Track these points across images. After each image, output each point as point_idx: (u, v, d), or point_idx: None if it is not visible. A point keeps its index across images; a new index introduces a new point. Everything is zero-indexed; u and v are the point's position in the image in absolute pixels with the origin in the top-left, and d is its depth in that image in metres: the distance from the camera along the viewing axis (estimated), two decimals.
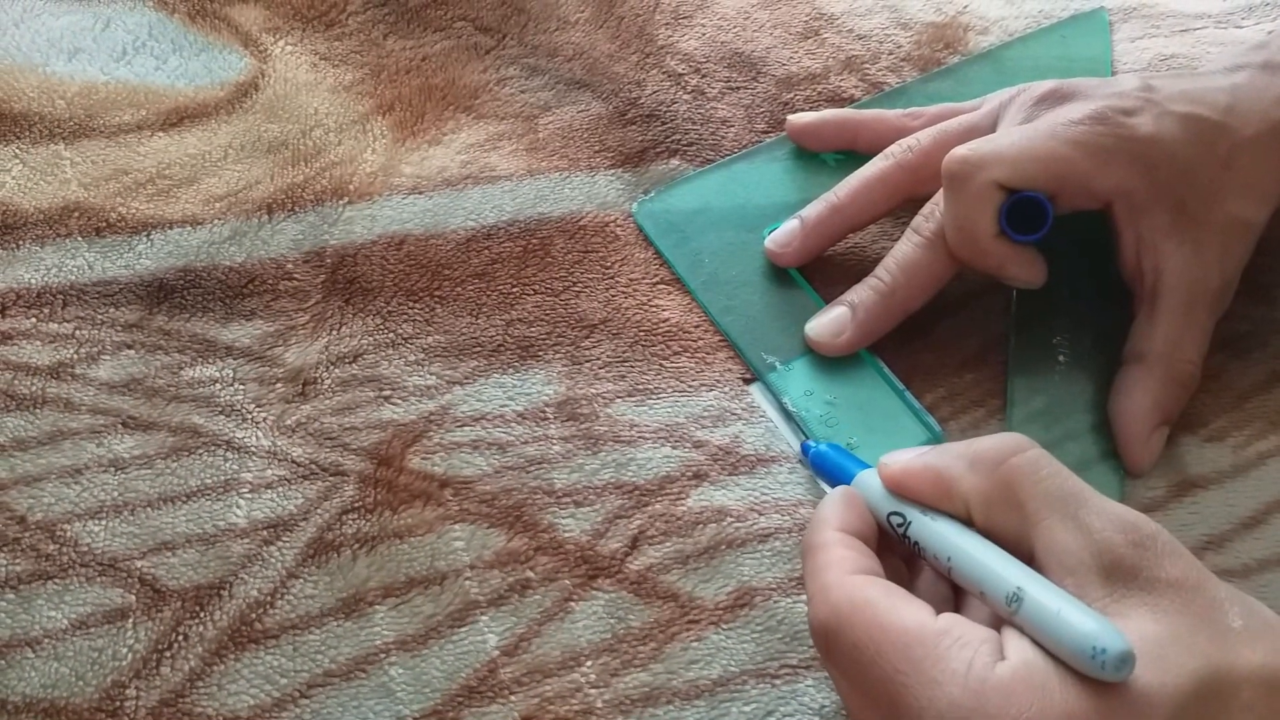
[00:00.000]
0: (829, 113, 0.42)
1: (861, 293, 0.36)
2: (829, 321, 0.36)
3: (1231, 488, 0.34)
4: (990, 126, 0.37)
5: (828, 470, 0.31)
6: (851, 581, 0.25)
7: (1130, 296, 0.36)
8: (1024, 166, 0.33)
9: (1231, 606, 0.23)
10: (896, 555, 0.28)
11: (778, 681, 0.30)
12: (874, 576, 0.25)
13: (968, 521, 0.26)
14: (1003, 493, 0.25)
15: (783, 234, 0.38)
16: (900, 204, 0.38)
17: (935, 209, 0.35)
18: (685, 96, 0.44)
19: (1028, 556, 0.24)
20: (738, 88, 0.45)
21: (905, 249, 0.36)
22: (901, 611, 0.24)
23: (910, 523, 0.26)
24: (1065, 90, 0.36)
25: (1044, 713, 0.21)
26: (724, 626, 0.31)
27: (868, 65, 0.45)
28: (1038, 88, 0.36)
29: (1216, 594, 0.23)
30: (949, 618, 0.23)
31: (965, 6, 0.48)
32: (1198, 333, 0.34)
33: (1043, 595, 0.22)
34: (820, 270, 0.39)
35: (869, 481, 0.28)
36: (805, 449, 0.33)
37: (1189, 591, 0.23)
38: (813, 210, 0.38)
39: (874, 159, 0.38)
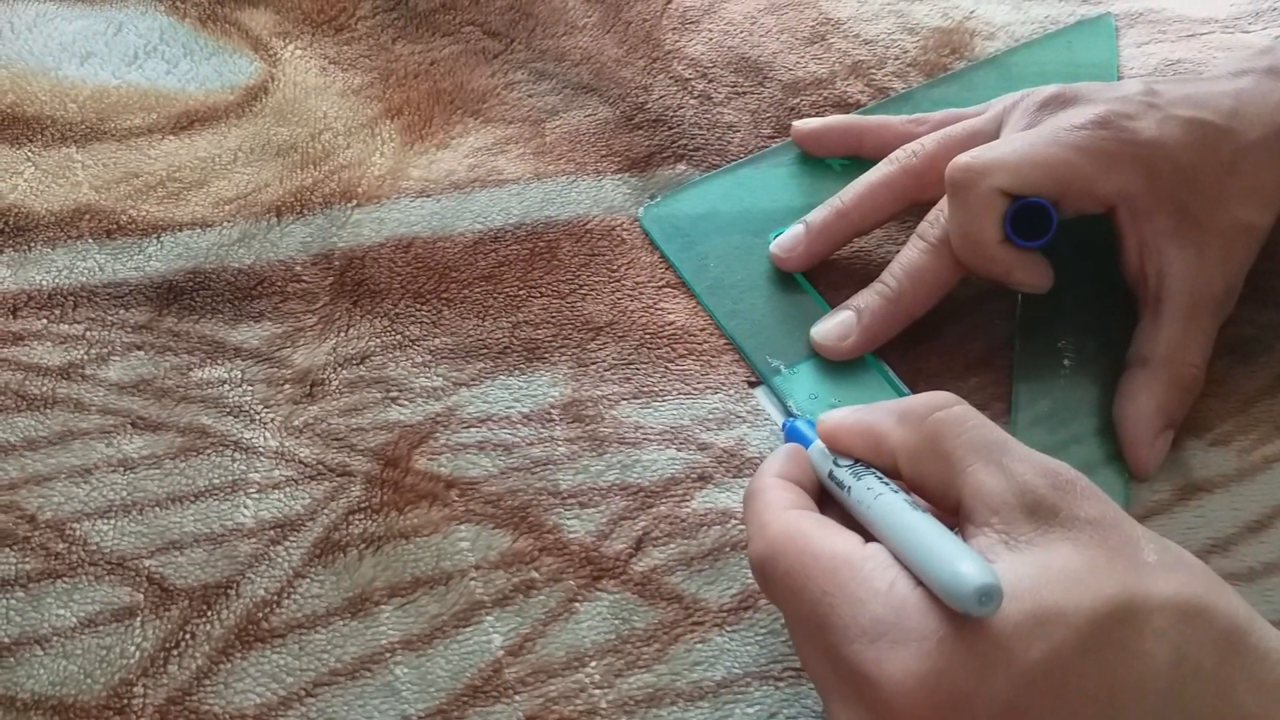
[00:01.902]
0: (834, 119, 0.42)
1: (867, 298, 0.36)
2: (835, 326, 0.36)
3: (1237, 492, 0.34)
4: (994, 131, 0.37)
5: (798, 441, 0.32)
6: (786, 515, 0.26)
7: (1134, 300, 0.36)
8: (1026, 172, 0.33)
9: (1147, 544, 0.24)
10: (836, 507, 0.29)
11: (781, 683, 0.30)
12: (807, 511, 0.27)
13: (895, 472, 0.27)
14: (930, 444, 0.26)
15: (788, 239, 0.38)
16: (905, 209, 0.38)
17: (940, 215, 0.35)
18: (692, 101, 0.44)
19: (954, 503, 0.25)
20: (744, 93, 0.45)
21: (911, 255, 0.36)
22: (831, 539, 0.25)
23: (838, 477, 0.28)
24: (1068, 95, 0.36)
25: (959, 628, 0.22)
26: (728, 628, 0.31)
27: (874, 70, 0.46)
28: (1041, 93, 0.36)
29: (1133, 532, 0.24)
30: (874, 545, 0.25)
31: (972, 12, 0.48)
32: (1201, 337, 0.34)
33: (922, 530, 0.23)
34: (825, 275, 0.39)
35: (815, 446, 0.30)
36: (784, 425, 0.33)
37: (1107, 528, 0.23)
38: (818, 215, 0.38)
39: (879, 164, 0.38)
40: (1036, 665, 0.21)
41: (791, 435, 0.32)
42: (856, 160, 0.41)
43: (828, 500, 0.28)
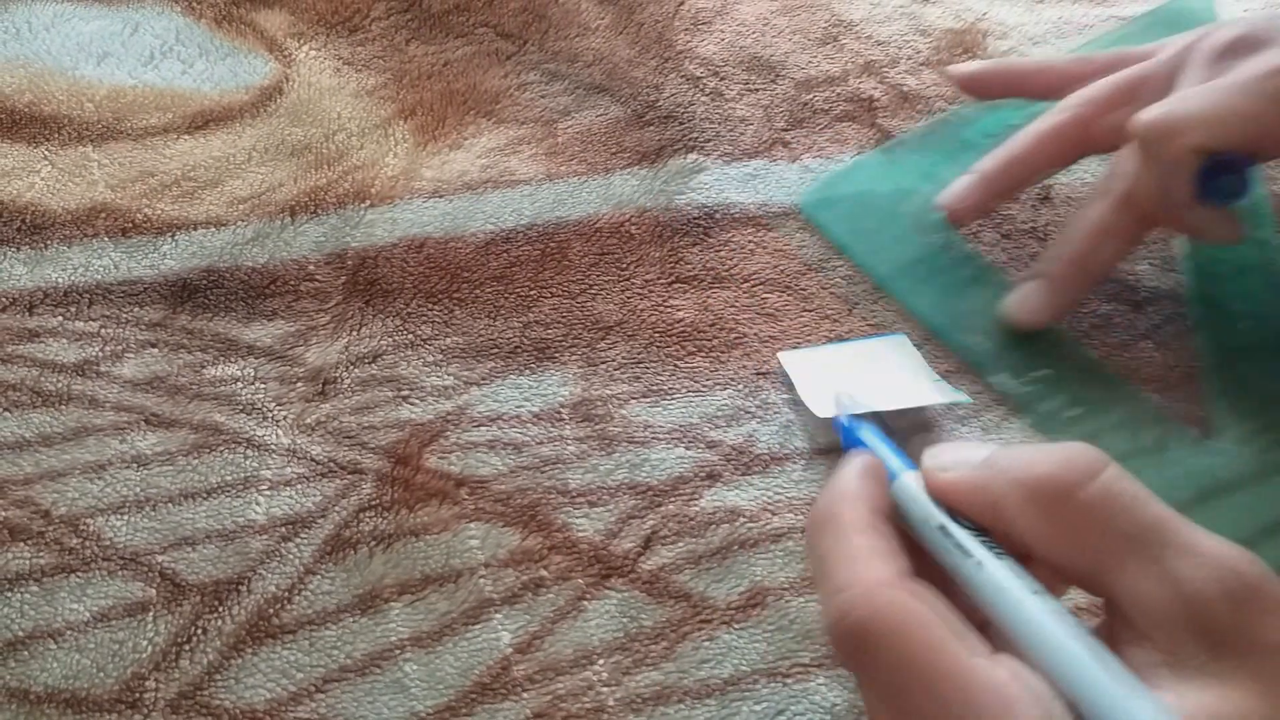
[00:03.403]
0: (992, 62, 0.40)
1: (1053, 263, 0.35)
2: (1025, 296, 0.35)
3: (1256, 492, 0.33)
4: (1167, 76, 0.35)
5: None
6: (900, 595, 0.21)
7: None
8: (1220, 129, 0.31)
9: None
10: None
11: (789, 680, 0.30)
12: (921, 587, 0.22)
13: (1024, 548, 0.22)
14: (1069, 535, 0.21)
15: (959, 189, 0.37)
16: (1076, 157, 0.37)
17: (1120, 168, 0.34)
18: (703, 98, 0.45)
19: (1103, 597, 0.21)
20: (756, 89, 0.45)
21: (1094, 213, 0.34)
22: (959, 647, 0.20)
23: (971, 556, 0.22)
24: (1251, 39, 0.33)
25: None
26: (736, 626, 0.31)
27: (887, 69, 0.45)
28: (1220, 36, 0.34)
29: None
30: (1010, 667, 0.20)
31: (984, 13, 0.48)
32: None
33: (1083, 667, 0.19)
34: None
35: (909, 486, 0.24)
36: (841, 426, 0.31)
37: None
38: (988, 163, 0.37)
39: (1048, 113, 0.37)
40: None
41: (856, 444, 0.28)
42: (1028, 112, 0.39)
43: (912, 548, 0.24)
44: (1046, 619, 0.20)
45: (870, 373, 0.35)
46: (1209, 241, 0.34)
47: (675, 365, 0.36)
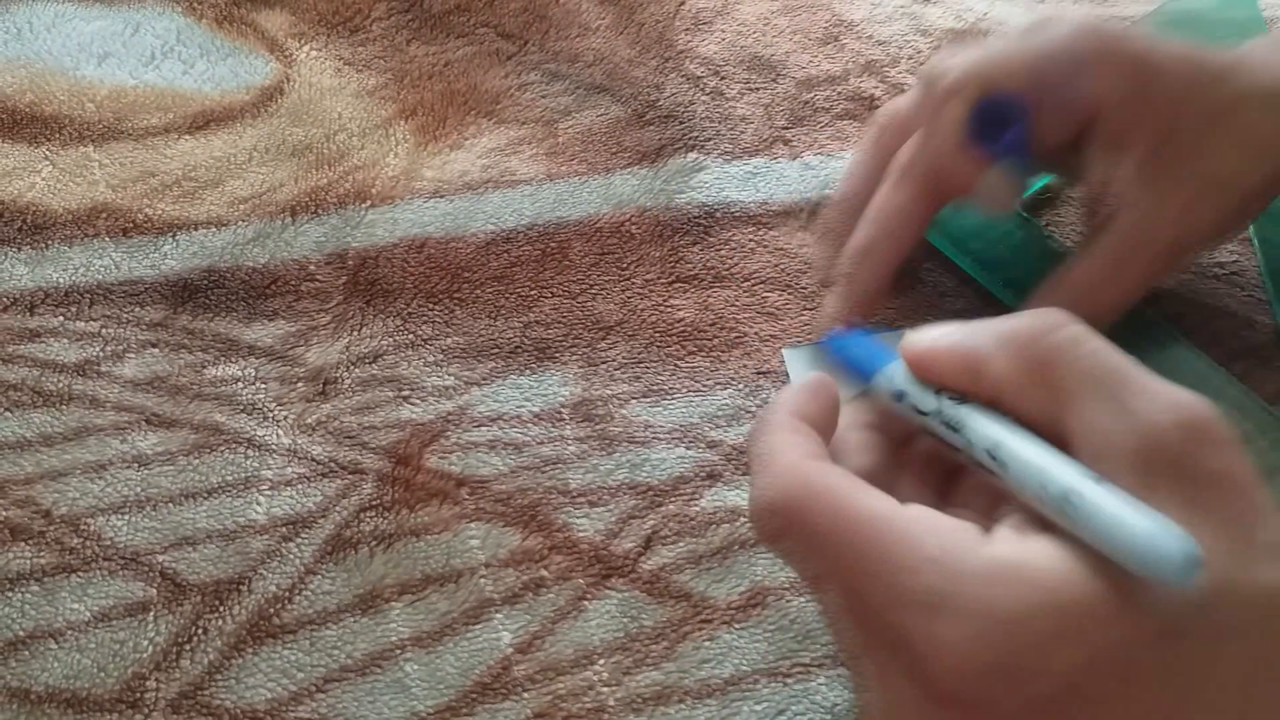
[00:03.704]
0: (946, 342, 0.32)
1: (846, 258, 0.34)
2: (825, 302, 0.34)
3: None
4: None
5: (850, 361, 0.27)
6: (810, 465, 0.22)
7: None
8: (989, 68, 0.31)
9: (1269, 519, 0.20)
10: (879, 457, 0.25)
11: (790, 680, 0.30)
12: (827, 464, 0.23)
13: (997, 406, 0.23)
14: (1038, 373, 0.22)
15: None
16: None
17: (903, 151, 0.34)
18: (704, 98, 0.45)
19: (1063, 443, 0.22)
20: (757, 88, 0.45)
21: (877, 198, 0.34)
22: (865, 497, 0.22)
23: (929, 413, 0.23)
24: (1042, 20, 0.33)
25: (1023, 602, 0.19)
26: (736, 626, 0.31)
27: (887, 69, 0.45)
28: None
29: (1258, 499, 0.20)
30: (918, 507, 0.21)
31: (985, 13, 0.48)
32: (1124, 283, 0.32)
33: (1096, 492, 0.20)
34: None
35: (892, 373, 0.25)
36: (828, 340, 0.29)
37: (1228, 491, 0.20)
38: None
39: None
40: (1109, 648, 0.19)
41: (840, 353, 0.27)
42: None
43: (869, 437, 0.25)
44: (1042, 452, 0.21)
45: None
46: (983, 206, 0.32)
47: (676, 365, 0.36)
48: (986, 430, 0.22)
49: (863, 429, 0.26)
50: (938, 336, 0.24)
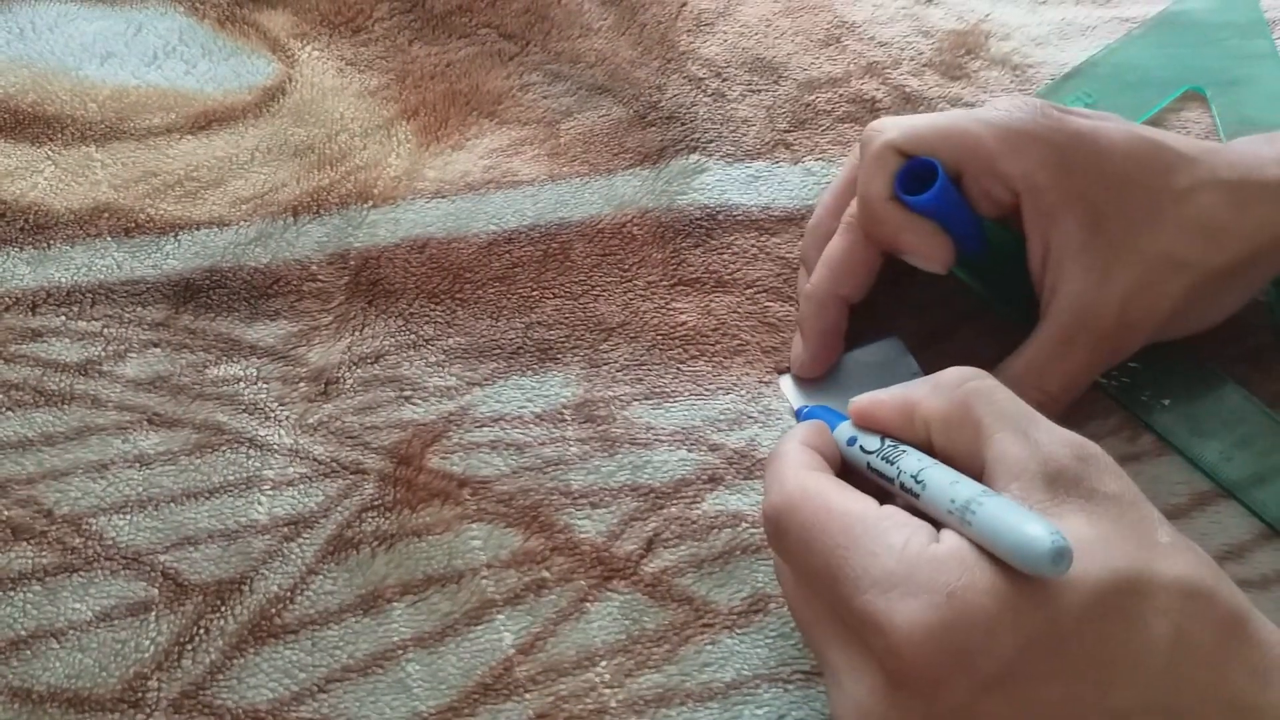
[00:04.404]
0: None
1: (801, 305, 0.35)
2: (793, 348, 0.36)
3: (1254, 496, 0.33)
4: None
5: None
6: (805, 474, 0.26)
7: None
8: (926, 134, 0.32)
9: (1161, 525, 0.24)
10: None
11: (790, 686, 0.30)
12: (826, 473, 0.27)
13: (928, 445, 0.27)
14: (960, 413, 0.26)
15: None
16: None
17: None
18: (706, 99, 0.45)
19: (979, 471, 0.25)
20: (759, 90, 0.45)
21: (826, 249, 0.35)
22: (847, 497, 0.25)
23: (872, 452, 0.28)
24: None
25: (969, 586, 0.22)
26: (738, 630, 0.31)
27: (889, 70, 0.45)
28: None
29: (1149, 513, 0.24)
30: (890, 507, 0.25)
31: (987, 15, 0.48)
32: (1070, 367, 0.32)
33: (992, 501, 0.23)
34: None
35: (839, 430, 0.29)
36: (799, 413, 0.33)
37: (1124, 505, 0.24)
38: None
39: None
40: (1040, 628, 0.22)
41: (809, 418, 0.31)
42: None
43: (850, 474, 0.28)
44: (949, 474, 0.25)
45: (867, 387, 0.35)
46: (911, 258, 0.33)
47: (678, 368, 0.36)
48: (912, 462, 0.26)
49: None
50: (879, 392, 0.28)
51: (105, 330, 0.37)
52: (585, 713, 0.29)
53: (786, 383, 0.36)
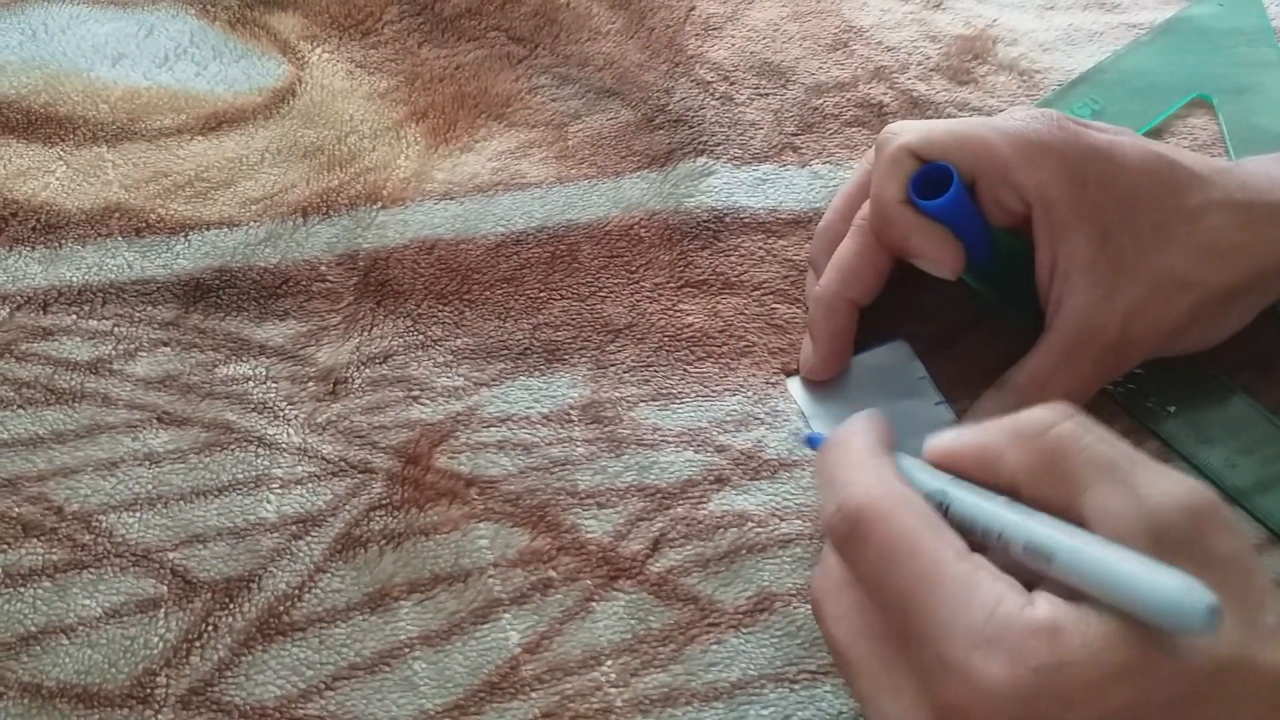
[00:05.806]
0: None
1: (810, 308, 0.35)
2: (802, 350, 0.36)
3: (1258, 504, 0.33)
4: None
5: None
6: (896, 481, 0.24)
7: None
8: (942, 139, 0.32)
9: (1271, 602, 0.22)
10: None
11: (796, 686, 0.30)
12: (914, 492, 0.24)
13: (1016, 497, 0.24)
14: (1048, 463, 0.24)
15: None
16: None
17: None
18: (714, 102, 0.45)
19: (1078, 525, 0.23)
20: (767, 94, 0.45)
21: (836, 251, 0.35)
22: (939, 530, 0.23)
23: (951, 503, 0.25)
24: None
25: (1059, 659, 0.21)
26: (744, 630, 0.31)
27: (897, 75, 0.46)
28: None
29: (1262, 583, 0.22)
30: (979, 558, 0.23)
31: (995, 20, 0.48)
32: (1071, 379, 0.32)
33: (1112, 555, 0.21)
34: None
35: (905, 466, 0.27)
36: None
37: (1238, 574, 0.22)
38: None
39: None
40: (1122, 709, 0.21)
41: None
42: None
43: None
44: (1062, 527, 0.23)
45: (875, 391, 0.35)
46: (922, 263, 0.33)
47: (685, 370, 0.37)
48: (991, 516, 0.24)
49: None
50: (954, 437, 0.26)
51: (116, 329, 0.38)
52: (591, 712, 0.30)
53: (794, 384, 0.36)
